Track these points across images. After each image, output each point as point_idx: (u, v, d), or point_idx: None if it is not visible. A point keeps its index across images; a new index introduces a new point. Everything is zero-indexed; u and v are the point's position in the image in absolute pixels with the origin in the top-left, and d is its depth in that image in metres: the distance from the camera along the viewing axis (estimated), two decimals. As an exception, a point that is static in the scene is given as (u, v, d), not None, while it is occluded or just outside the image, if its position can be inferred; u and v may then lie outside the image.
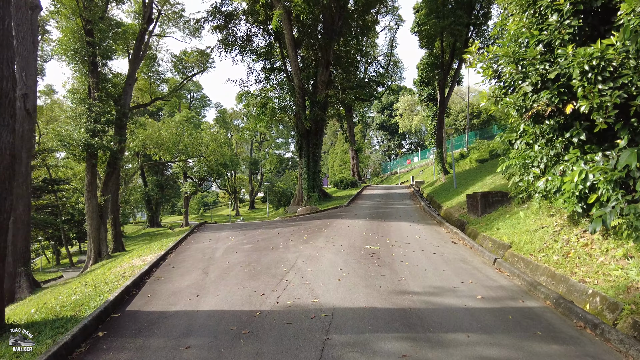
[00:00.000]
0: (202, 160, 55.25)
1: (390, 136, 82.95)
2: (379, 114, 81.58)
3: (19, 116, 18.29)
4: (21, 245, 18.20)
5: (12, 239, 17.75)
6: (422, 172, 56.32)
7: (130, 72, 27.93)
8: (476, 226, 13.01)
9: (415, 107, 72.74)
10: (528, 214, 10.81)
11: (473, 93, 64.81)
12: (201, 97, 70.77)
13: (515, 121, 9.45)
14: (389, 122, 79.22)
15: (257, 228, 16.30)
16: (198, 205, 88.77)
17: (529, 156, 8.97)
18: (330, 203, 25.31)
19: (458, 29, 29.02)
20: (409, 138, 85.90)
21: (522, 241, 9.22)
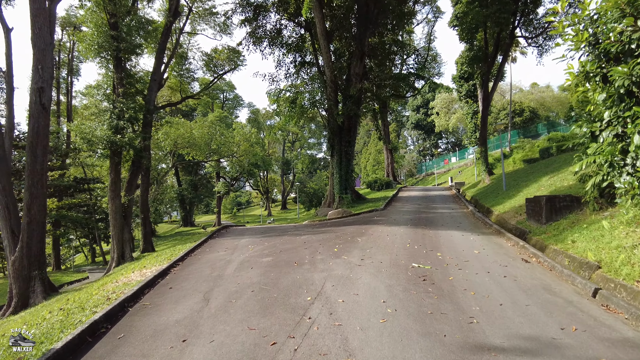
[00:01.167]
0: (234, 160, 54.03)
1: (426, 135, 79.46)
2: (414, 112, 78.31)
3: (34, 111, 16.98)
4: (36, 247, 16.81)
5: (26, 241, 16.43)
6: (460, 172, 53.04)
7: (155, 67, 26.50)
8: (541, 237, 10.42)
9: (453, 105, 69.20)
10: (615, 224, 8.19)
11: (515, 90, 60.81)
12: (234, 97, 69.73)
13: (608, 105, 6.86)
14: (424, 121, 75.83)
15: (282, 234, 14.19)
16: (231, 205, 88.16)
17: (617, 151, 6.44)
18: (364, 206, 22.96)
19: (504, 17, 26.06)
20: (446, 137, 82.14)
21: (617, 261, 6.68)
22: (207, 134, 45.68)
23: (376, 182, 37.12)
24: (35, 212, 16.79)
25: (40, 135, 17.03)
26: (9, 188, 17.46)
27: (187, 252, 11.38)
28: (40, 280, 16.92)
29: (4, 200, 17.23)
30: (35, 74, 17.17)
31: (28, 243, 16.58)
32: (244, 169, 56.09)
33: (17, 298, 16.51)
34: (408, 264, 8.43)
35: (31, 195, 16.71)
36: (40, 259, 17.01)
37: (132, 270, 9.91)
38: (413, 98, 74.80)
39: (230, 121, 60.01)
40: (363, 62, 25.21)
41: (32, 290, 16.82)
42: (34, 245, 16.75)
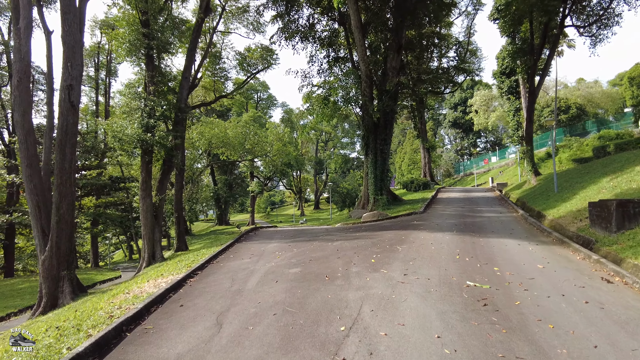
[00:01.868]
0: (268, 160, 53.47)
1: (464, 134, 76.32)
2: (452, 110, 75.40)
3: (63, 109, 16.52)
4: (65, 247, 16.33)
5: (55, 240, 15.98)
6: (501, 173, 50.29)
7: (187, 65, 25.90)
8: (613, 248, 8.72)
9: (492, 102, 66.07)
10: None
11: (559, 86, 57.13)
12: (268, 97, 69.35)
13: None
14: (462, 119, 72.84)
15: (313, 239, 12.95)
16: (265, 204, 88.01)
17: None
18: (401, 208, 21.40)
19: (552, 4, 23.87)
20: (484, 136, 78.71)
21: None
22: (241, 134, 45.30)
23: (412, 183, 35.30)
24: (64, 211, 16.31)
25: (68, 134, 16.55)
26: (40, 187, 17.13)
27: (210, 257, 10.34)
28: (68, 280, 16.46)
29: (35, 199, 16.89)
30: (65, 71, 16.72)
31: (57, 242, 16.14)
32: (277, 169, 55.47)
33: (46, 298, 16.10)
34: (461, 281, 6.97)
35: (60, 194, 16.23)
36: (68, 258, 16.55)
37: (147, 279, 8.92)
38: (450, 95, 72.05)
39: (264, 121, 59.54)
40: (400, 55, 23.61)
41: (61, 290, 16.38)
42: (62, 244, 16.29)
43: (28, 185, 17.02)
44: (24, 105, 17.28)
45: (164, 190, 24.81)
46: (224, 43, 40.55)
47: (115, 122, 23.37)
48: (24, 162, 17.12)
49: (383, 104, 22.33)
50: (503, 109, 63.27)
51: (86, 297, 14.75)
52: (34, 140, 17.37)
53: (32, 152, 17.27)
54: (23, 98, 17.31)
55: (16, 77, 17.29)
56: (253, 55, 40.62)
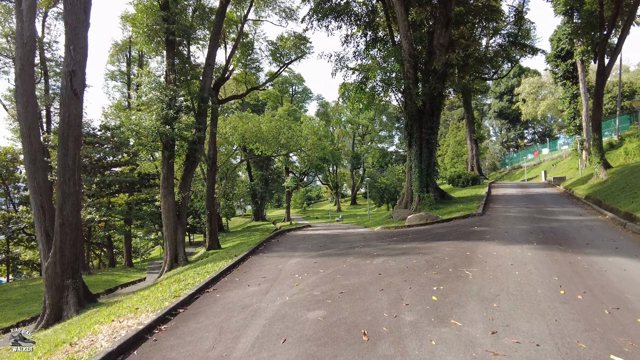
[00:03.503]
0: (302, 154, 50.98)
1: (510, 125, 70.66)
2: (497, 100, 69.95)
3: (65, 98, 14.44)
4: (69, 253, 14.32)
5: (59, 245, 14.00)
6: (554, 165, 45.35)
7: (210, 51, 23.56)
8: None
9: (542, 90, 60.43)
10: None
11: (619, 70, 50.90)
12: (303, 90, 66.68)
13: None
14: (508, 109, 67.32)
15: (347, 252, 10.02)
16: (302, 199, 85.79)
17: None
18: (452, 208, 18.06)
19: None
20: (532, 127, 72.69)
21: None
22: (275, 128, 43.01)
23: (460, 178, 31.57)
24: (67, 212, 14.25)
25: (71, 126, 14.45)
26: (44, 186, 15.19)
27: (209, 281, 7.69)
28: (73, 290, 14.42)
29: (39, 199, 14.98)
30: (67, 55, 14.60)
31: (61, 248, 14.12)
32: (313, 164, 52.91)
33: (49, 309, 14.14)
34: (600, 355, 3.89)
35: (63, 194, 14.18)
36: (73, 265, 14.49)
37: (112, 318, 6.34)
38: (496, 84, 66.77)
39: (298, 115, 57.04)
40: (449, 30, 20.11)
41: (65, 301, 14.37)
42: (67, 250, 14.26)
43: (31, 183, 15.11)
44: (26, 96, 15.36)
45: (187, 187, 22.69)
46: (256, 33, 38.26)
47: (133, 114, 21.45)
48: (26, 158, 15.21)
49: (429, 86, 19.00)
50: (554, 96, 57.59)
51: (90, 311, 12.66)
52: (38, 134, 15.43)
53: (36, 147, 15.35)
54: (26, 87, 15.39)
55: (18, 65, 15.37)
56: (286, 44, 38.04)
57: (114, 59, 38.59)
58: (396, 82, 20.09)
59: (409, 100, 19.96)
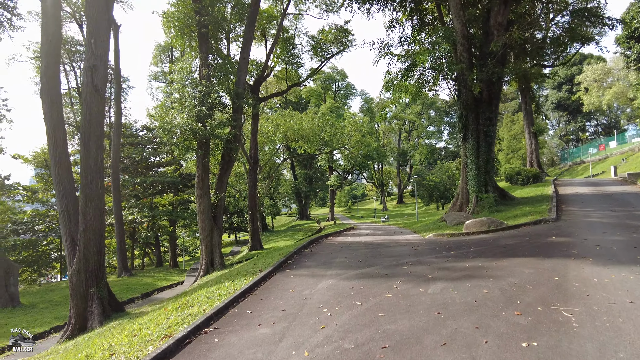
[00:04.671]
0: (346, 152, 48.99)
1: (570, 117, 64.68)
2: (555, 90, 64.23)
3: (86, 95, 13.42)
4: (93, 260, 13.31)
5: (83, 252, 13.01)
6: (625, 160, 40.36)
7: (245, 43, 22.08)
8: None
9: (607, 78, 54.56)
10: None
11: None
12: (346, 86, 64.47)
13: None
14: (567, 100, 61.53)
15: (392, 272, 7.90)
16: (346, 197, 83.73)
17: None
18: (515, 210, 15.36)
19: None
20: (595, 118, 66.20)
21: None
22: (318, 126, 41.36)
23: (519, 175, 28.23)
24: (90, 217, 13.21)
25: (92, 124, 13.38)
26: (70, 189, 14.25)
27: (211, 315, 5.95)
28: (98, 299, 13.36)
29: (64, 202, 14.05)
30: (88, 49, 13.57)
31: (85, 254, 13.11)
32: (357, 161, 50.84)
33: (74, 319, 13.15)
34: None
35: (85, 198, 13.14)
36: (97, 273, 13.45)
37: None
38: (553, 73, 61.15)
39: (342, 111, 55.04)
40: (508, 7, 17.32)
41: (90, 311, 13.34)
42: (91, 257, 13.24)
43: (57, 186, 14.23)
44: (51, 95, 14.51)
45: (223, 188, 21.41)
46: (297, 28, 36.69)
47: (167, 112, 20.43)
48: (52, 159, 14.36)
49: (487, 70, 16.36)
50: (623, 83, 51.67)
51: (113, 324, 11.48)
52: (64, 135, 14.53)
53: (62, 149, 14.45)
54: (51, 86, 14.55)
55: (44, 62, 14.54)
56: (327, 38, 36.20)
57: (156, 60, 38.47)
58: (448, 68, 17.59)
59: (463, 87, 17.42)
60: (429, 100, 68.22)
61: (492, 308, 5.23)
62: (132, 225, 31.90)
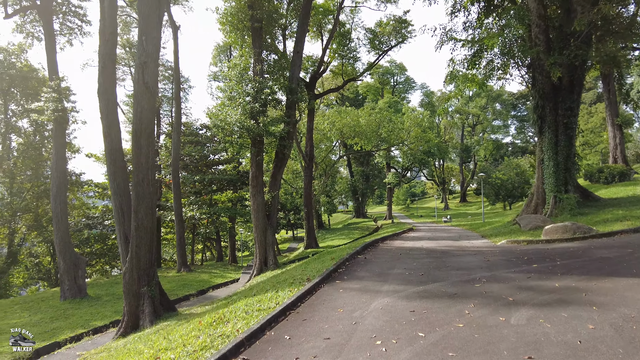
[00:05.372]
0: (404, 148, 46.94)
1: (662, 107, 57.28)
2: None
3: (137, 92, 13.22)
4: (145, 258, 13.11)
5: (135, 250, 12.85)
6: None
7: (299, 37, 21.25)
8: None
9: None
10: None
11: None
12: (405, 80, 61.96)
13: None
14: (658, 87, 54.47)
15: (463, 293, 6.49)
16: (405, 195, 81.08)
17: None
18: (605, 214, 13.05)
19: None
20: (693, 108, 58.04)
21: None
22: (375, 121, 39.95)
23: (602, 172, 24.93)
24: (142, 215, 12.99)
25: (143, 122, 13.12)
26: (124, 186, 14.26)
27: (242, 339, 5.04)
28: (149, 298, 13.15)
29: (119, 200, 14.08)
30: (139, 46, 13.33)
31: (137, 253, 12.93)
32: (416, 158, 48.59)
33: (127, 317, 13.05)
34: None
35: (137, 196, 12.94)
36: (149, 272, 13.24)
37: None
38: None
39: (400, 106, 52.91)
40: (596, -21, 14.90)
41: (142, 309, 13.16)
42: (142, 255, 13.04)
43: (112, 184, 14.30)
44: (107, 93, 14.58)
45: (277, 186, 20.81)
46: (354, 22, 35.45)
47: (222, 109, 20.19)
48: (107, 158, 14.44)
49: (569, 53, 14.15)
50: None
51: (165, 324, 11.19)
52: (118, 133, 14.57)
53: (116, 147, 14.49)
54: (107, 85, 14.63)
55: (101, 62, 14.66)
56: (385, 30, 34.57)
57: (216, 60, 39.01)
58: (521, 53, 15.53)
59: (539, 74, 15.29)
60: (495, 92, 63.88)
61: (607, 356, 3.80)
62: (192, 222, 32.57)
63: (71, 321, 16.08)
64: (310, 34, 33.73)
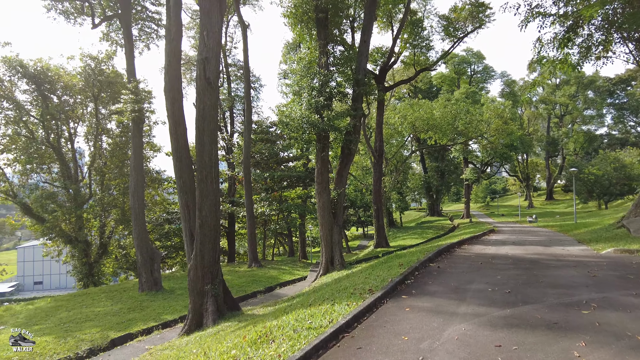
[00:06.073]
0: (483, 141, 43.46)
1: None
2: None
3: (199, 88, 12.97)
4: (209, 256, 12.91)
5: (199, 247, 12.70)
6: None
7: (366, 24, 20.00)
8: None
9: None
10: None
11: None
12: (483, 69, 57.32)
13: None
14: None
15: (567, 322, 4.92)
16: (484, 193, 75.83)
17: None
18: None
19: None
20: None
21: None
22: (450, 113, 37.35)
23: None
24: (206, 213, 12.78)
25: (206, 119, 12.86)
26: (190, 183, 14.19)
27: None
28: (212, 297, 12.91)
29: (185, 197, 14.05)
30: (201, 42, 13.10)
31: (201, 250, 12.76)
32: (497, 152, 44.76)
33: (191, 314, 12.95)
34: None
35: (201, 193, 12.75)
36: (212, 270, 13.01)
37: None
38: None
39: (478, 97, 49.13)
40: None
41: (205, 308, 12.97)
42: (206, 253, 12.84)
43: (178, 182, 14.31)
44: (173, 92, 14.58)
45: (343, 183, 19.80)
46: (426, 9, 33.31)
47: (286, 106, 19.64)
48: (174, 155, 14.47)
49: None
50: None
51: (226, 324, 10.85)
52: (184, 131, 14.52)
53: (182, 144, 14.46)
54: (172, 83, 14.63)
55: (166, 60, 14.71)
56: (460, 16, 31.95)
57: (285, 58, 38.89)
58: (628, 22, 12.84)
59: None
60: (587, 79, 56.91)
61: None
62: (263, 218, 32.84)
63: (145, 313, 16.49)
64: (380, 25, 32.26)
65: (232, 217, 35.07)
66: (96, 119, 28.76)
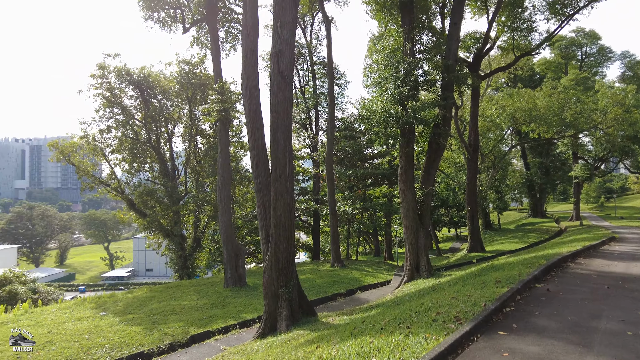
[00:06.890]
0: (598, 133, 37.47)
1: None
2: None
3: (273, 82, 12.31)
4: (283, 257, 12.25)
5: (274, 248, 12.12)
6: None
7: (456, 4, 17.79)
8: None
9: None
10: None
11: None
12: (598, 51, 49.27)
13: None
14: None
15: None
16: (597, 192, 66.27)
17: None
18: None
19: None
20: None
21: None
22: (557, 102, 32.82)
23: None
24: (280, 212, 12.15)
25: (280, 114, 12.17)
26: (266, 182, 13.69)
27: None
28: (286, 301, 12.23)
29: (261, 196, 13.62)
30: (274, 34, 12.39)
31: (276, 251, 12.17)
32: (615, 145, 38.22)
33: (266, 317, 12.44)
34: None
35: (275, 192, 12.15)
36: (287, 272, 12.30)
37: None
38: None
39: (591, 83, 42.58)
40: None
41: (279, 312, 12.34)
42: (281, 254, 12.21)
43: (255, 180, 13.92)
44: (249, 88, 14.20)
45: (430, 181, 17.87)
46: (530, -12, 29.44)
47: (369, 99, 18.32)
48: (251, 153, 14.11)
49: None
50: None
51: (299, 332, 10.18)
52: (261, 129, 14.07)
53: (259, 142, 14.02)
54: (249, 79, 14.25)
55: (243, 57, 14.38)
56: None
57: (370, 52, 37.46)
58: None
59: None
60: None
61: None
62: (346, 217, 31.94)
63: (226, 310, 16.46)
64: (473, 9, 29.28)
65: (316, 215, 34.71)
66: (191, 120, 30.28)
